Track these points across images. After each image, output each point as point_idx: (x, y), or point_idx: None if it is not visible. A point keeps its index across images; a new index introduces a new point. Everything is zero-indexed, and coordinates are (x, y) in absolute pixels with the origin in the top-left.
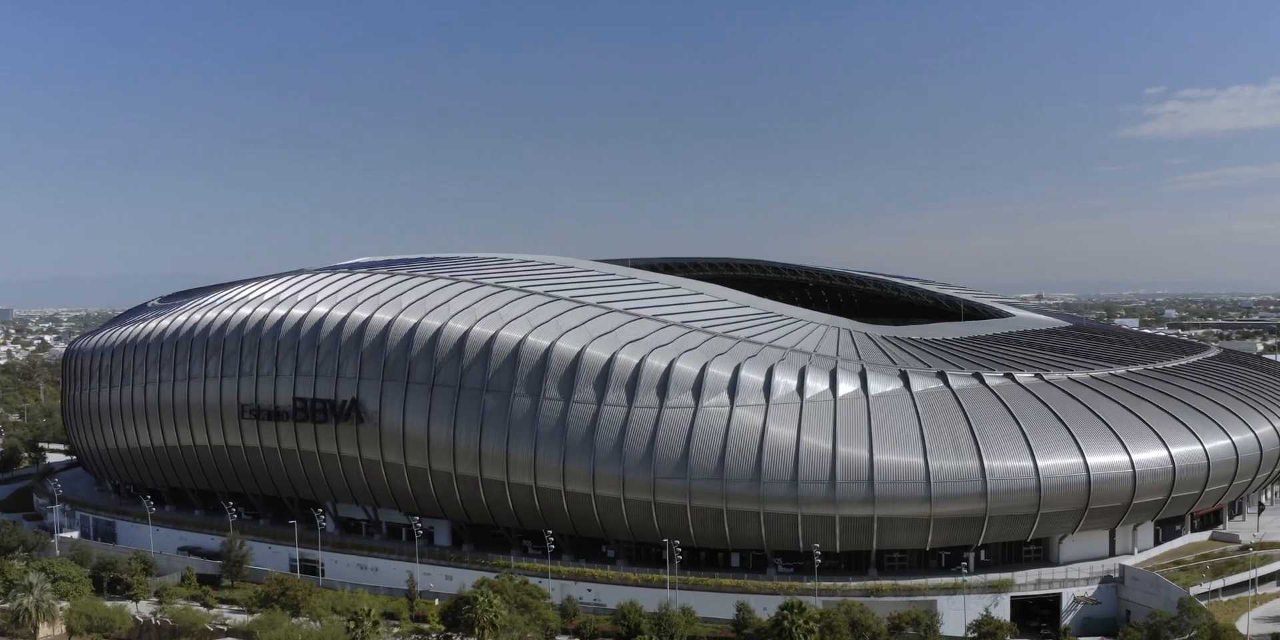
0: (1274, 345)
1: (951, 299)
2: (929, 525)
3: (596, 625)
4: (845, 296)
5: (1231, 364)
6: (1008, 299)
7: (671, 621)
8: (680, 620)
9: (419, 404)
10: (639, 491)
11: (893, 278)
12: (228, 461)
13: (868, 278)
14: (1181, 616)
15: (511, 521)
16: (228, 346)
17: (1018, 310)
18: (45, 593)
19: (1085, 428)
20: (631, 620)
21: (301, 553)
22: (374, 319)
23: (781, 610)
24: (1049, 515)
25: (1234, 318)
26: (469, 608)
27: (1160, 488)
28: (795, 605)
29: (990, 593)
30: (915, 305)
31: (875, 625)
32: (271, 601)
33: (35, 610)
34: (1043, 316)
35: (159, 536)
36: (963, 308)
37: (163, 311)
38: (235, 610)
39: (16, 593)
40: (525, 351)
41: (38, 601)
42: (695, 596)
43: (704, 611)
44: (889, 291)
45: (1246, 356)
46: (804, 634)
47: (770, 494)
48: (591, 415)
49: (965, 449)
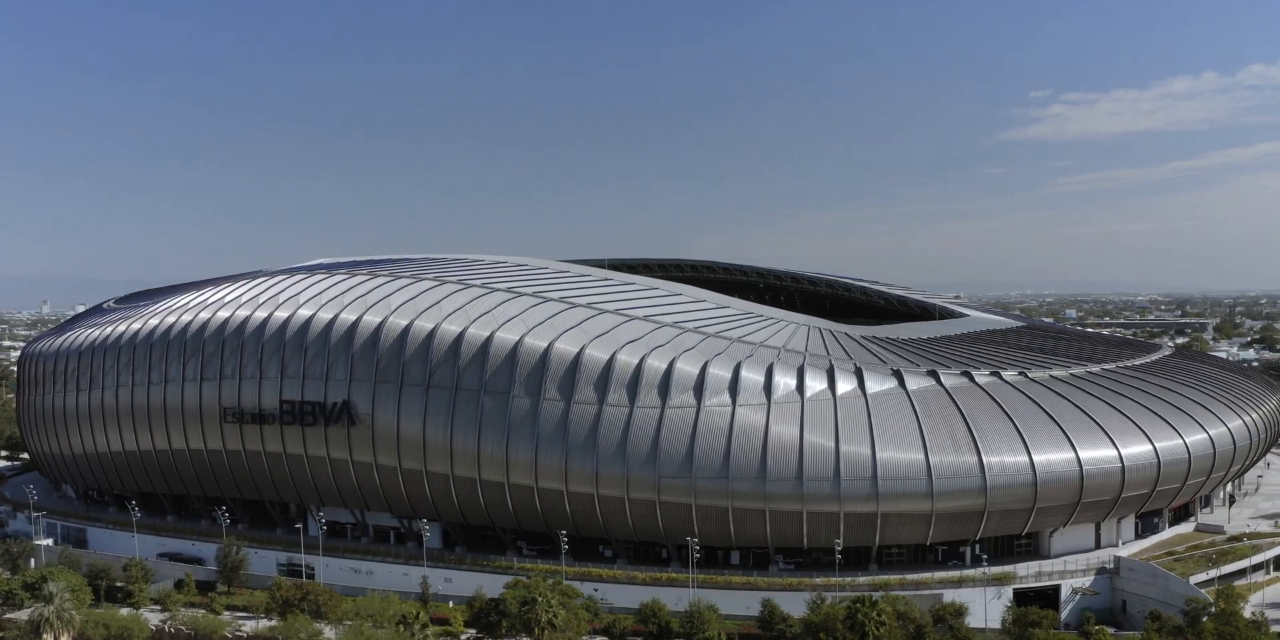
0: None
1: (903, 299)
2: (930, 520)
3: (626, 625)
4: (799, 297)
5: (1190, 361)
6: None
7: (703, 619)
8: (712, 617)
9: (414, 406)
10: (643, 491)
11: (842, 278)
12: (207, 466)
13: (818, 278)
14: (1217, 602)
15: (510, 523)
16: (207, 349)
17: (970, 310)
18: (65, 602)
19: (1074, 424)
20: (662, 618)
21: (289, 557)
22: (364, 321)
23: (854, 604)
24: (1044, 509)
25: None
26: (529, 608)
27: (1146, 481)
28: (866, 599)
29: (994, 585)
30: (867, 305)
31: (920, 617)
32: (291, 606)
33: (57, 620)
34: (995, 316)
35: (134, 542)
36: (914, 307)
37: (127, 314)
38: (245, 616)
39: (36, 602)
40: (523, 352)
41: (59, 611)
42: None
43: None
44: (840, 292)
45: (1200, 354)
46: (876, 626)
47: (776, 492)
48: (593, 416)
49: (964, 445)
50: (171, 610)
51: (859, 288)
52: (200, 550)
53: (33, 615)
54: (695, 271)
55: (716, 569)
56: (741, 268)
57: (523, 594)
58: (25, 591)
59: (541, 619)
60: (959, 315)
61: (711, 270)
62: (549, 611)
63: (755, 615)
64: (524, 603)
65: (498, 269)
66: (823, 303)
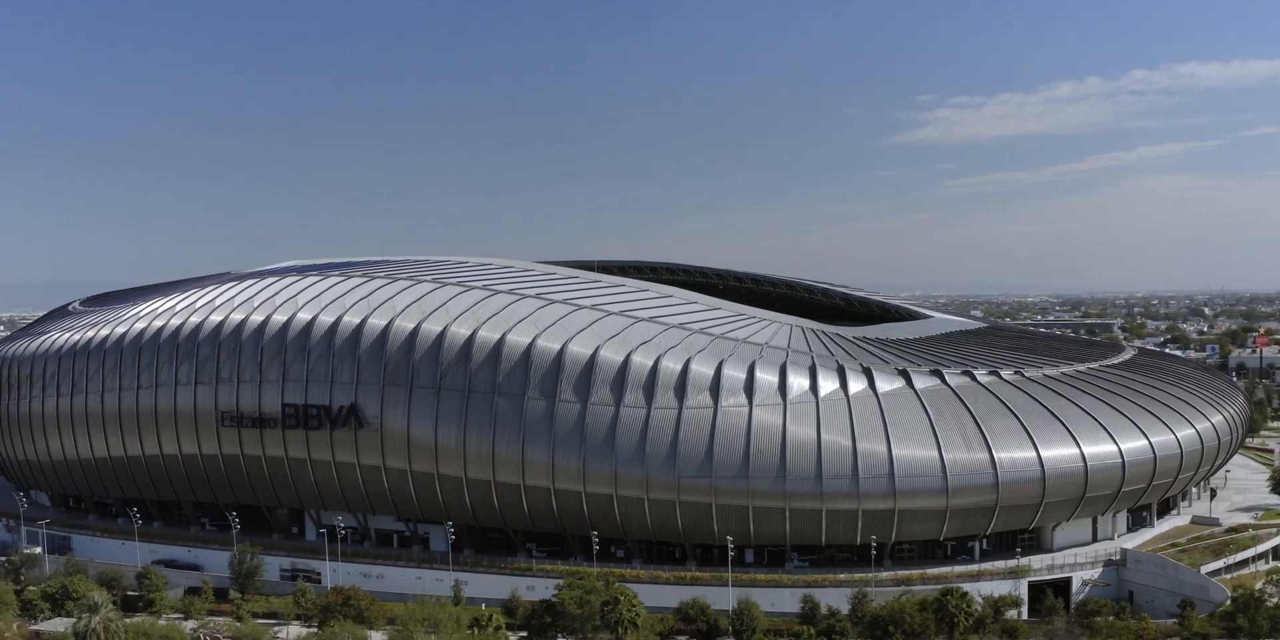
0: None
1: (864, 300)
2: (945, 516)
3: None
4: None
5: (1158, 360)
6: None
7: (753, 616)
8: (760, 614)
9: (425, 408)
10: (663, 491)
11: (801, 280)
12: (201, 471)
13: (779, 280)
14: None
15: (525, 524)
16: (201, 352)
17: (932, 311)
18: (110, 612)
19: (1076, 421)
20: (710, 616)
21: (293, 562)
22: (369, 323)
23: (944, 595)
24: (1051, 504)
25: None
26: (611, 608)
27: (1144, 476)
28: (956, 591)
29: (1010, 578)
30: (828, 306)
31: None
32: (333, 612)
33: (104, 631)
34: (958, 317)
35: (125, 550)
36: (875, 309)
37: (103, 316)
38: (270, 623)
39: (81, 613)
40: (537, 354)
41: (105, 621)
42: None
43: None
44: (800, 293)
45: (1164, 354)
46: (966, 617)
47: (796, 490)
48: (610, 417)
49: (975, 442)
50: (197, 618)
51: (820, 289)
52: (197, 556)
53: (77, 626)
54: (655, 273)
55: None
56: (702, 270)
57: (578, 594)
58: (45, 602)
59: (625, 618)
60: (925, 316)
61: (671, 271)
62: (631, 610)
63: (794, 612)
64: (606, 603)
65: (487, 271)
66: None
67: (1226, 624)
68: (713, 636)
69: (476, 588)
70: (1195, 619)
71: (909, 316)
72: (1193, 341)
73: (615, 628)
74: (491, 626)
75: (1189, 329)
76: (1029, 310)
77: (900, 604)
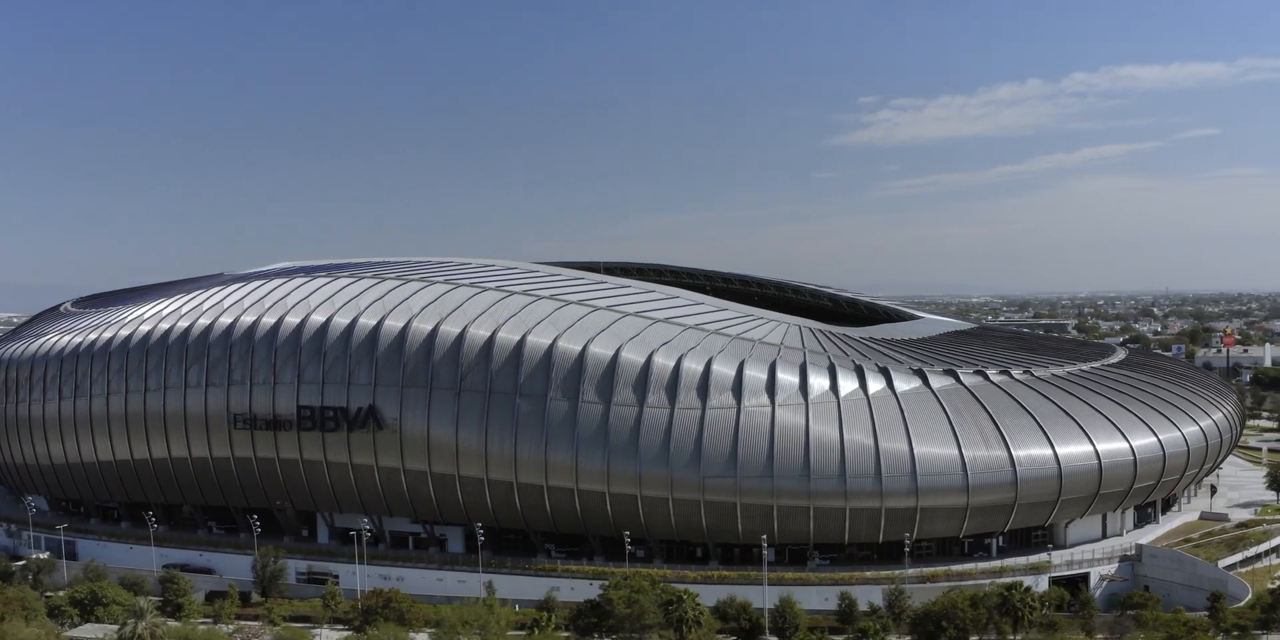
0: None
1: (852, 301)
2: (965, 514)
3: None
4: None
5: (1151, 359)
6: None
7: (794, 614)
8: (802, 612)
9: (445, 410)
10: (687, 491)
11: (789, 281)
12: (211, 473)
13: (765, 280)
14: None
15: (546, 525)
16: (212, 354)
17: (919, 312)
18: (156, 617)
19: (1088, 419)
20: (751, 614)
21: (309, 565)
22: (386, 325)
23: (1007, 590)
24: (1067, 501)
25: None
26: (675, 607)
27: (1154, 472)
28: (1018, 585)
29: (1032, 574)
30: (816, 307)
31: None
32: (374, 614)
33: (150, 637)
34: (946, 319)
35: (132, 555)
36: (864, 310)
37: (101, 317)
38: (302, 627)
39: (127, 618)
40: (559, 355)
41: (151, 626)
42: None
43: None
44: (788, 294)
45: (1153, 354)
46: (1030, 611)
47: (820, 489)
48: (634, 417)
49: (993, 440)
50: (227, 622)
51: (808, 290)
52: (209, 560)
53: (123, 632)
54: (642, 274)
55: (753, 566)
56: (690, 271)
57: (626, 594)
58: (74, 608)
59: (689, 617)
60: (915, 317)
61: (659, 273)
62: (696, 608)
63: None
64: (667, 603)
65: (495, 272)
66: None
67: (1263, 616)
68: (754, 635)
69: (501, 589)
70: (1229, 611)
71: (900, 317)
72: (1151, 341)
73: (680, 627)
74: (551, 626)
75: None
76: (977, 311)
77: (951, 599)
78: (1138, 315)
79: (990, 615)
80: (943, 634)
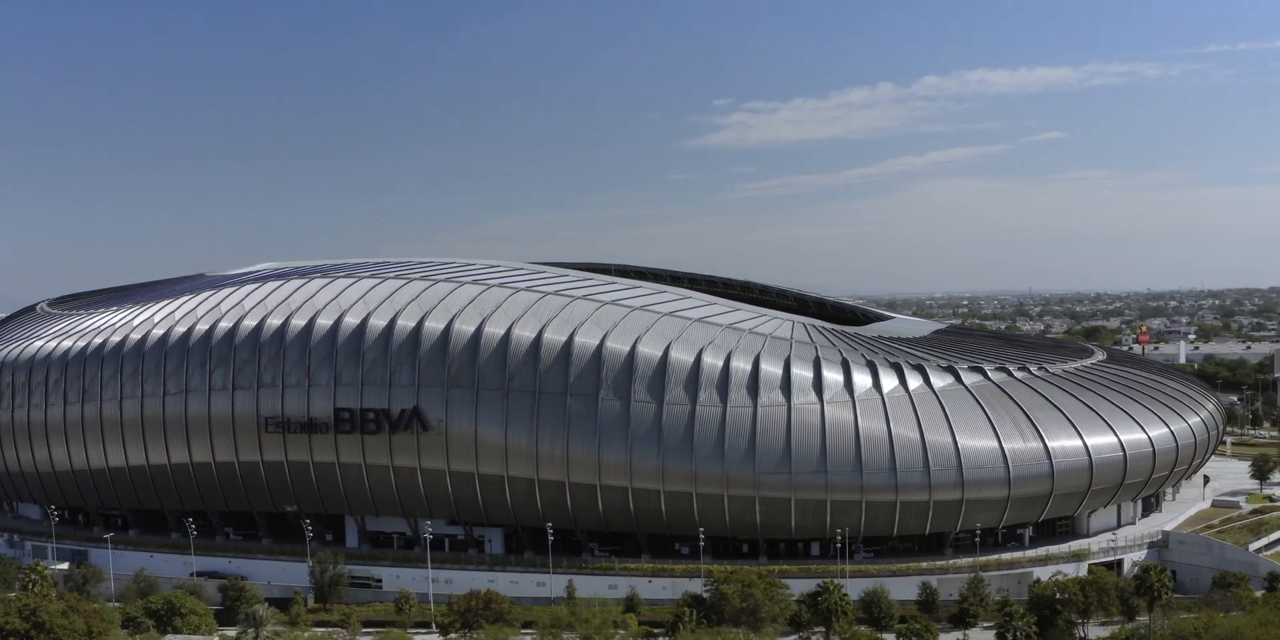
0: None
1: (819, 301)
2: (1006, 505)
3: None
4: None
5: (1132, 359)
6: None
7: (887, 604)
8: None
9: (493, 411)
10: (742, 488)
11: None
12: (237, 478)
13: (734, 281)
14: None
15: (598, 524)
16: (239, 357)
17: (889, 313)
18: (276, 625)
19: (1109, 412)
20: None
21: (349, 568)
22: (427, 326)
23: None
24: (1096, 491)
25: None
26: (824, 598)
27: (1169, 463)
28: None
29: (1074, 561)
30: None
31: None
32: (475, 616)
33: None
34: (921, 319)
35: (154, 562)
36: (830, 309)
37: (103, 318)
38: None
39: (247, 627)
40: (608, 355)
41: (271, 635)
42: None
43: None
44: (754, 293)
45: (1127, 354)
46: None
47: (871, 484)
48: (687, 416)
49: (1029, 433)
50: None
51: (775, 290)
52: (239, 567)
53: None
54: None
55: (799, 560)
56: (655, 271)
57: (737, 588)
58: (150, 619)
59: (836, 608)
60: (888, 317)
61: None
62: (843, 601)
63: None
64: (816, 595)
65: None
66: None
67: None
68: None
69: (556, 588)
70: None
71: (877, 317)
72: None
73: (828, 617)
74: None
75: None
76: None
77: (1061, 584)
78: (1014, 315)
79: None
80: (1058, 617)
